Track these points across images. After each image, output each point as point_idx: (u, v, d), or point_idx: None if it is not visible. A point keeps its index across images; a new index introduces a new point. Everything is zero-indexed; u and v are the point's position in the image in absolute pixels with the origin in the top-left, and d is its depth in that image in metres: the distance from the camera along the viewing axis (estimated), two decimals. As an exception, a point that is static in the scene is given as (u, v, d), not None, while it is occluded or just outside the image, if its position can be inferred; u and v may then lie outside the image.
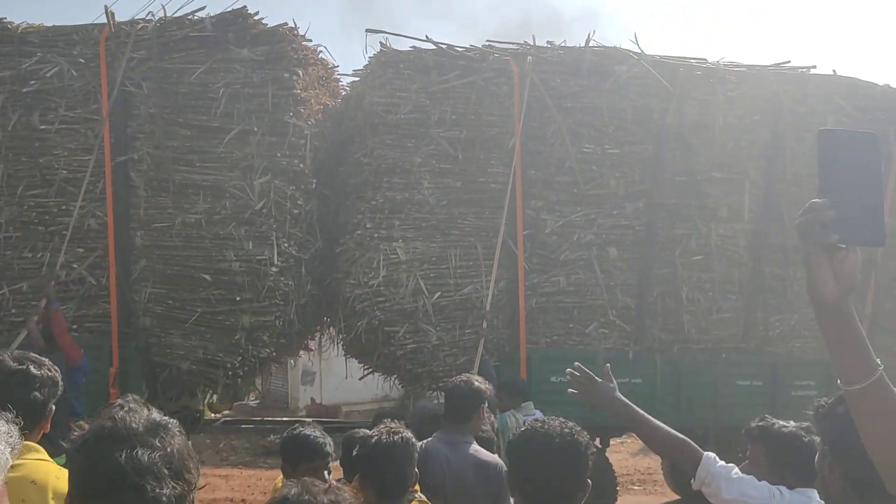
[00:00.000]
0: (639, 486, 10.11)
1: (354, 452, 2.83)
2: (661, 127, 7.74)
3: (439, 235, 7.41)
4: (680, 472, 9.24)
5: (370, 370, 8.48)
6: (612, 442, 8.47)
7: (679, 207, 7.84)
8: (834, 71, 8.34)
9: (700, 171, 7.84)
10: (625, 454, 11.84)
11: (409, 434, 2.71)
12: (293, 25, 7.12)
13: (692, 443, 2.42)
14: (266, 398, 18.08)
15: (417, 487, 3.03)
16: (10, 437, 1.27)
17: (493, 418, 4.71)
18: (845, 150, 1.41)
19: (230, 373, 7.06)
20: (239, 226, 6.90)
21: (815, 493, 2.54)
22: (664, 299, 7.78)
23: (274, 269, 6.84)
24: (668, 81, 7.65)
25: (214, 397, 10.28)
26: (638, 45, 7.88)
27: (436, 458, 3.59)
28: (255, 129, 6.85)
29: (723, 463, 2.41)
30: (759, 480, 2.56)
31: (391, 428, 2.71)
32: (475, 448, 3.79)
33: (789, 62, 8.23)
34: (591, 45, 7.78)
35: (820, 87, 8.17)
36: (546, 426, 2.05)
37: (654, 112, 7.75)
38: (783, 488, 2.48)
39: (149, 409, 1.31)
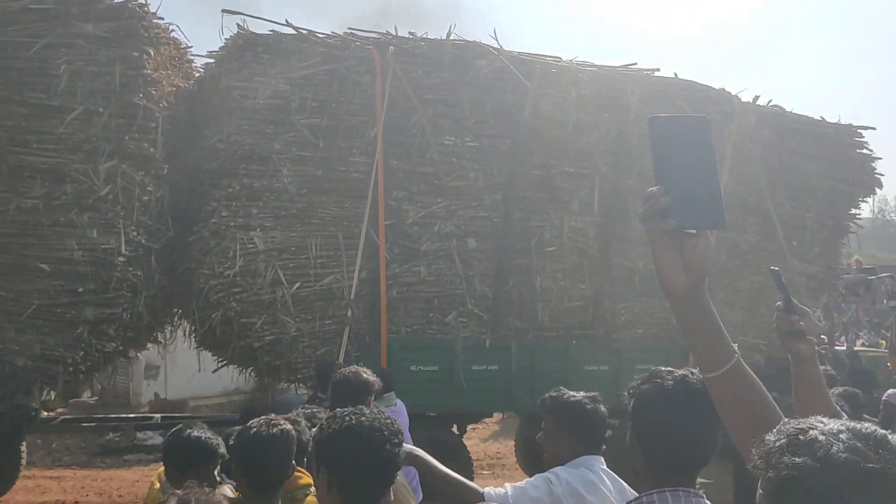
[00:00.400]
0: (488, 470, 10.57)
1: (230, 443, 2.83)
2: (519, 122, 8.09)
3: (299, 224, 7.39)
4: (532, 451, 9.75)
5: (224, 363, 8.34)
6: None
7: (534, 200, 8.24)
8: (675, 74, 9.04)
9: (554, 166, 8.27)
10: (476, 440, 12.31)
11: (288, 427, 2.74)
12: (143, 2, 6.84)
13: (473, 485, 2.56)
14: (106, 394, 17.21)
15: (311, 480, 3.07)
16: None
17: None
18: (677, 136, 1.40)
19: (71, 369, 6.73)
20: (82, 212, 6.56)
21: (598, 460, 2.79)
22: (520, 289, 8.17)
23: (121, 258, 6.57)
24: (525, 78, 8.01)
25: (52, 395, 9.70)
26: (497, 40, 8.20)
27: None
28: (101, 110, 6.52)
29: (497, 488, 2.61)
30: (555, 448, 2.81)
31: (271, 420, 2.74)
32: None
33: (636, 63, 8.85)
34: (451, 38, 8.01)
35: (662, 89, 8.80)
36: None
37: (512, 107, 8.09)
38: (558, 470, 2.71)
39: None
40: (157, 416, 8.64)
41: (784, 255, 9.19)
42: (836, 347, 11.90)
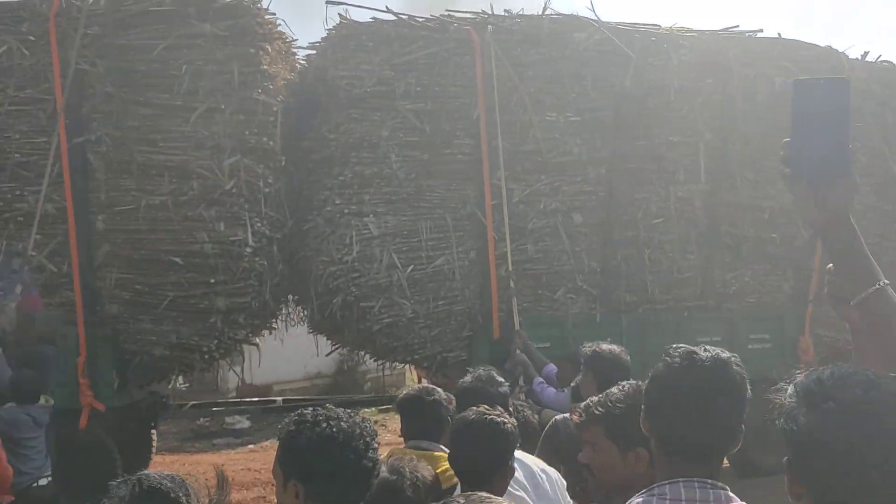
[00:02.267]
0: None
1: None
2: (620, 93, 8.35)
3: (409, 209, 7.84)
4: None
5: (338, 346, 8.93)
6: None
7: (639, 171, 8.50)
8: (779, 34, 9.14)
9: (658, 135, 8.50)
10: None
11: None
12: (255, -1, 7.34)
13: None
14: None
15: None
16: None
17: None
18: (816, 96, 1.66)
19: (206, 356, 7.39)
20: (209, 206, 7.13)
21: None
22: (628, 262, 8.47)
23: (248, 249, 7.15)
24: (625, 48, 8.27)
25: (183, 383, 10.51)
26: (594, 11, 8.48)
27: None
28: (223, 107, 7.07)
29: None
30: None
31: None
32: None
33: (737, 26, 8.99)
34: (547, 13, 8.32)
35: (766, 50, 8.91)
36: None
37: (613, 78, 8.33)
38: None
39: None
40: (279, 399, 9.29)
41: (901, 215, 9.25)
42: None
